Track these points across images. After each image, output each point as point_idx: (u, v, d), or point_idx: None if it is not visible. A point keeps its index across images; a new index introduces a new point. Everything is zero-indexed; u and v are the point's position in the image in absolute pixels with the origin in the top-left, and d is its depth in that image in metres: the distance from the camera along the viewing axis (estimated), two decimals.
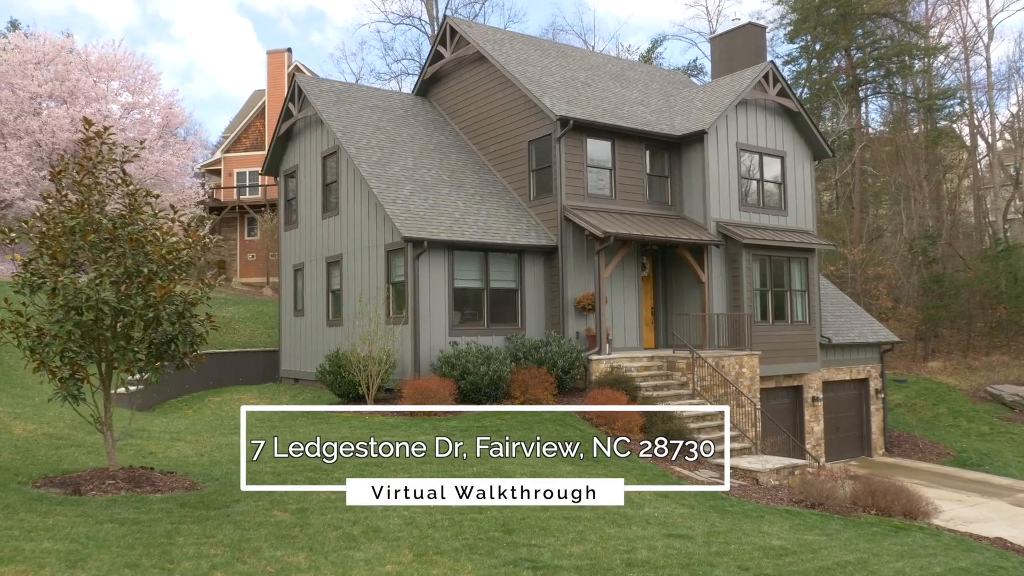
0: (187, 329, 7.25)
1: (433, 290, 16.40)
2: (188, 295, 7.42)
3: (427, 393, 13.88)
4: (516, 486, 10.13)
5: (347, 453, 10.10)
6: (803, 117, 21.23)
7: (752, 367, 18.07)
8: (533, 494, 9.71)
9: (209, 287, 7.66)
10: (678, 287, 19.85)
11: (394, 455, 10.62)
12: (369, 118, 20.16)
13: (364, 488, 8.55)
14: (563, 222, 17.74)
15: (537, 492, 10.13)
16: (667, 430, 14.71)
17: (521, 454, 12.18)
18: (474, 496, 9.24)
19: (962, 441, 25.23)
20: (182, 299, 7.26)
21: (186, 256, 7.40)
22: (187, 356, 7.52)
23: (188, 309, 7.29)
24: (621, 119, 18.97)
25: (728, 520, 10.29)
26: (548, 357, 16.01)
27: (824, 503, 12.65)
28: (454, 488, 9.20)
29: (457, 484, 9.54)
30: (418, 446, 10.66)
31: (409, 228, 16.05)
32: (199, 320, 7.48)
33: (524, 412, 14.67)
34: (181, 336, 7.19)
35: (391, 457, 10.43)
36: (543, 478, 10.54)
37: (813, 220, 21.78)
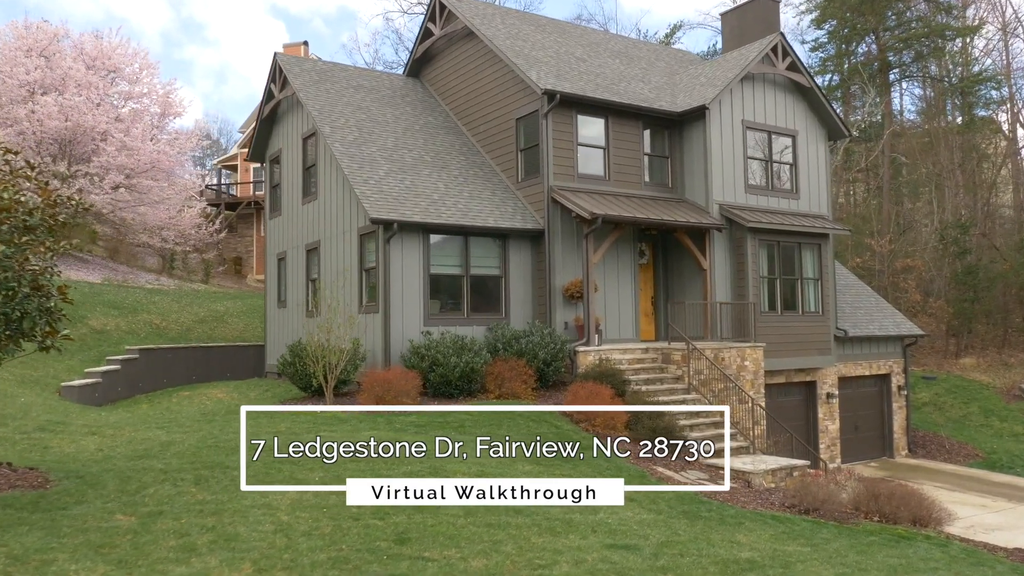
0: (40, 304, 6.28)
1: (407, 276, 15.37)
2: (38, 265, 6.42)
3: (387, 386, 12.84)
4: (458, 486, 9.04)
5: (294, 452, 9.11)
6: (816, 93, 19.77)
7: (756, 360, 16.73)
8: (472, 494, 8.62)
9: (54, 251, 6.66)
10: (679, 275, 18.56)
11: (322, 455, 9.58)
12: (351, 98, 19.21)
13: (258, 490, 7.56)
14: (550, 204, 16.59)
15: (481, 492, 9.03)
16: (654, 427, 13.49)
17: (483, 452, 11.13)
18: (400, 497, 8.22)
19: (993, 442, 23.50)
20: (31, 270, 6.27)
21: (38, 219, 6.42)
22: (49, 336, 6.55)
23: (38, 280, 6.31)
24: (616, 95, 17.74)
25: (697, 527, 9.08)
26: (528, 348, 14.88)
27: (820, 508, 11.35)
28: (371, 488, 8.18)
29: (383, 484, 8.51)
30: (346, 446, 9.62)
31: (379, 209, 15.04)
32: (49, 294, 6.49)
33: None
34: (36, 312, 6.22)
35: (317, 458, 9.41)
36: (490, 478, 9.44)
37: (828, 204, 20.30)
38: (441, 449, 10.60)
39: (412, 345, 14.49)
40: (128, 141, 26.15)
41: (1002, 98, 39.89)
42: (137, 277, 28.52)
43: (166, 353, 20.23)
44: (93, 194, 25.61)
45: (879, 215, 34.55)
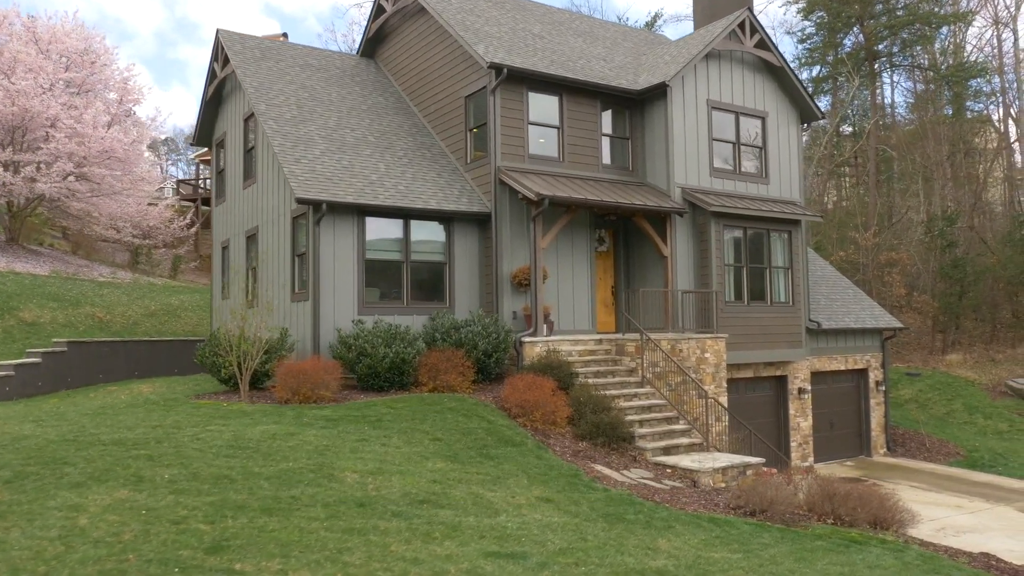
0: None
1: (339, 262, 14.35)
2: None
3: (303, 377, 11.82)
4: (339, 485, 8.05)
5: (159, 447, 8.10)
6: (786, 73, 18.76)
7: (717, 352, 15.70)
8: (350, 499, 7.62)
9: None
10: (641, 264, 17.54)
11: (195, 451, 8.61)
12: (296, 76, 18.19)
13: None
14: (498, 186, 15.57)
15: (365, 492, 8.03)
16: (597, 423, 12.53)
17: (392, 447, 10.11)
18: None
19: (976, 440, 22.49)
20: None
21: None
22: None
23: None
24: (572, 72, 16.72)
25: (613, 532, 8.07)
26: (468, 338, 13.86)
27: (768, 510, 10.34)
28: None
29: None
30: (230, 441, 8.68)
31: (307, 189, 14.02)
32: None
33: (423, 400, 12.56)
34: None
35: (184, 453, 8.42)
36: (385, 475, 8.44)
37: (800, 190, 19.29)
38: (340, 445, 9.62)
39: (340, 335, 13.47)
40: (79, 128, 25.10)
41: (992, 90, 38.96)
42: (91, 270, 27.46)
43: (102, 347, 19.17)
44: (40, 182, 24.58)
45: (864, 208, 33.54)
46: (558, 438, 12.30)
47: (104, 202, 27.74)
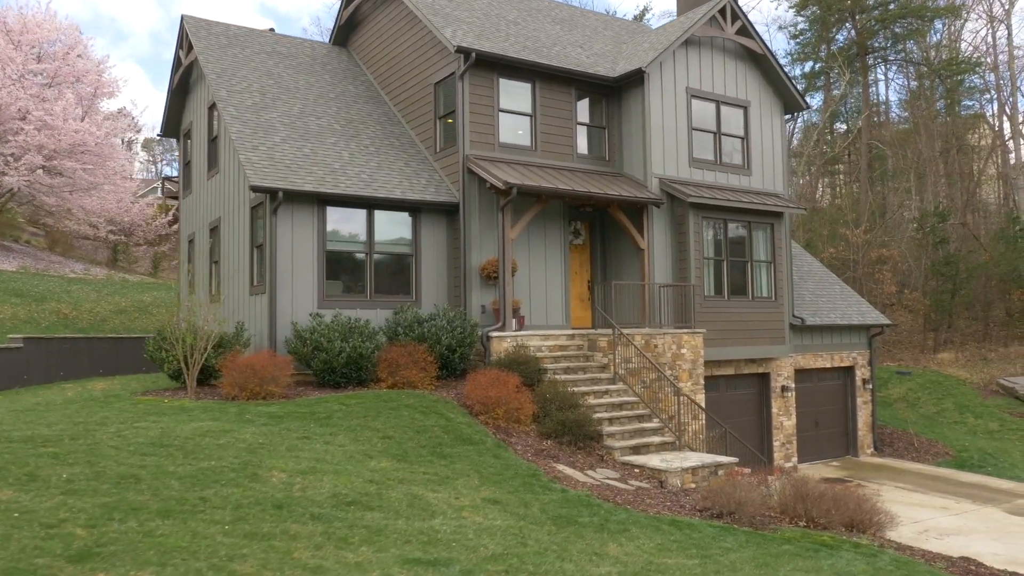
0: None
1: (298, 253, 13.75)
2: None
3: (250, 372, 11.22)
4: (257, 486, 7.46)
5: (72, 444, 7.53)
6: (770, 61, 18.19)
7: (694, 348, 15.12)
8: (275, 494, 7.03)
9: None
10: (618, 257, 16.96)
11: (112, 447, 8.01)
12: (262, 63, 17.60)
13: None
14: (466, 175, 14.98)
15: (289, 493, 7.45)
16: (563, 420, 11.94)
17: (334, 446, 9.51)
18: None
19: (965, 439, 21.94)
20: None
21: None
22: None
23: None
24: (545, 58, 16.14)
25: (561, 536, 7.48)
26: (431, 333, 13.27)
27: (736, 512, 9.76)
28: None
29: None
30: (152, 439, 8.10)
31: (264, 177, 13.42)
32: None
33: (379, 396, 11.97)
34: None
35: (115, 448, 7.82)
36: (317, 475, 7.85)
37: (784, 182, 18.71)
38: (278, 443, 9.03)
39: (296, 329, 12.87)
40: (49, 120, 24.50)
41: (986, 86, 38.46)
42: (63, 267, 26.84)
43: (63, 344, 18.55)
44: (9, 176, 23.97)
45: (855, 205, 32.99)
46: (521, 436, 11.71)
47: (80, 197, 27.12)
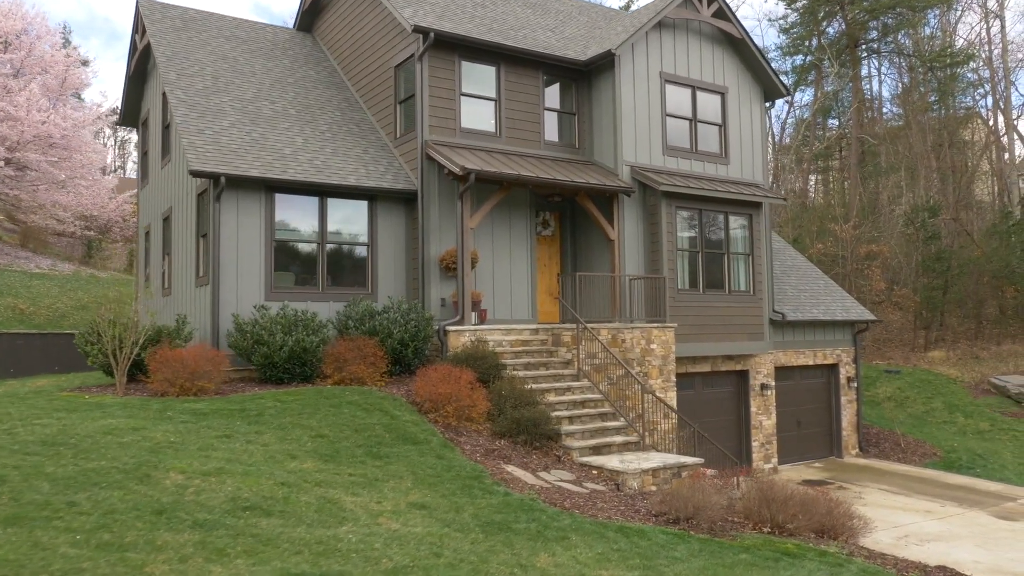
0: None
1: (243, 242, 13.02)
2: None
3: (180, 367, 10.49)
4: (150, 488, 6.72)
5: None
6: (748, 46, 17.47)
7: (665, 343, 14.39)
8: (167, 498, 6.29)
9: None
10: (588, 249, 16.24)
11: (7, 444, 7.28)
12: (218, 47, 16.86)
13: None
14: (425, 161, 14.26)
15: (181, 496, 6.71)
16: (518, 418, 11.20)
17: (254, 445, 8.79)
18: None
19: (955, 439, 21.22)
20: None
21: None
22: None
23: None
24: (510, 40, 15.42)
25: (485, 545, 6.75)
26: (383, 327, 12.54)
27: (694, 517, 9.04)
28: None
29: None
30: (46, 437, 7.40)
31: (206, 161, 12.68)
32: None
33: (321, 393, 11.24)
34: None
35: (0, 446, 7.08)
36: (220, 476, 7.11)
37: (764, 171, 18.00)
38: (191, 442, 8.30)
39: (237, 321, 12.13)
40: (12, 111, 23.76)
41: (980, 80, 37.79)
42: (28, 262, 26.10)
43: (15, 340, 17.88)
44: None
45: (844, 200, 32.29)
46: (472, 436, 10.98)
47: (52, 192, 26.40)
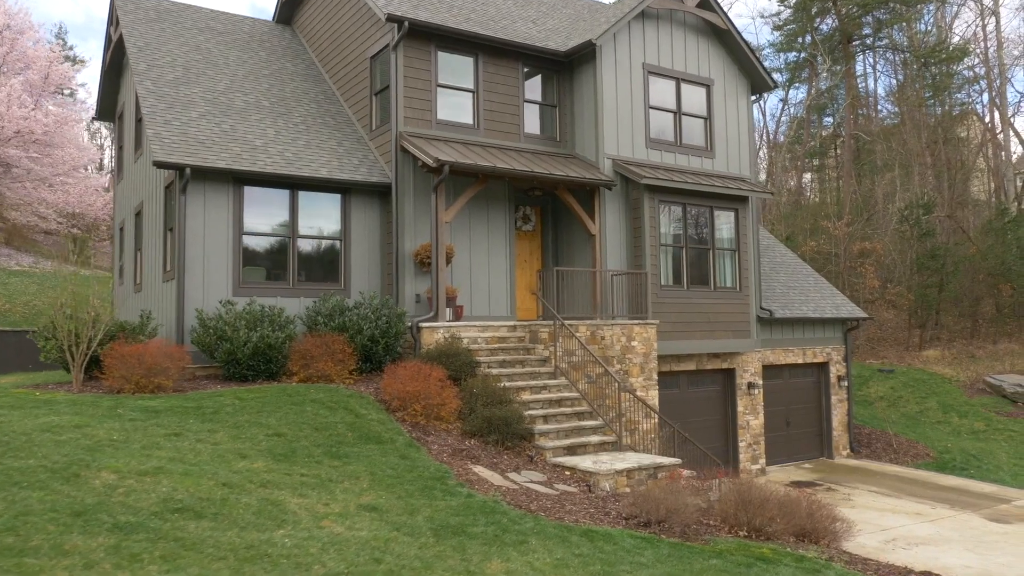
0: None
1: (210, 236, 12.65)
2: None
3: (137, 363, 10.12)
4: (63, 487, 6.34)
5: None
6: (734, 37, 17.11)
7: (646, 340, 14.01)
8: None
9: None
10: (570, 245, 15.88)
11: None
12: (192, 38, 16.50)
13: None
14: (399, 153, 13.90)
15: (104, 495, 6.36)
16: (489, 417, 10.83)
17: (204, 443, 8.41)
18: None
19: (948, 440, 20.84)
20: None
21: None
22: None
23: None
24: (488, 29, 15.05)
25: (433, 551, 6.38)
26: (352, 323, 12.17)
27: (667, 520, 8.66)
28: None
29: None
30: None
31: (171, 152, 12.31)
32: None
33: (285, 391, 10.86)
34: None
35: None
36: (158, 476, 6.74)
37: (751, 165, 17.63)
38: (135, 440, 7.93)
39: (200, 317, 11.76)
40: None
41: (975, 76, 37.43)
42: (9, 259, 25.76)
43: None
44: None
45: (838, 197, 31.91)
46: (441, 435, 10.60)
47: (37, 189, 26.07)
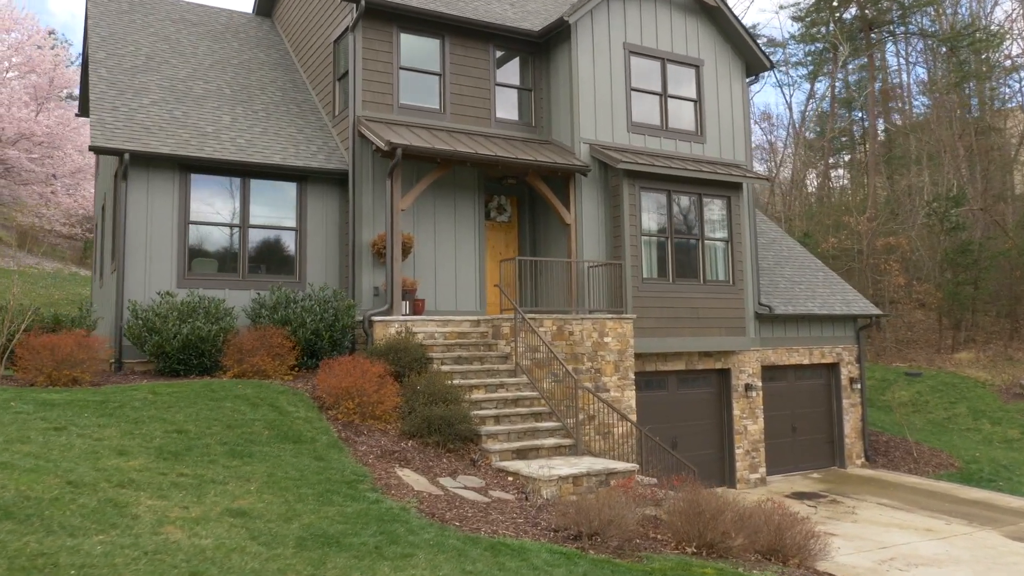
0: None
1: (154, 225, 12.08)
2: None
3: (48, 355, 9.53)
4: None
5: None
6: (725, 14, 16.03)
7: (621, 336, 13.02)
8: None
9: None
10: (548, 237, 14.98)
11: None
12: (162, 29, 16.07)
13: None
14: (357, 139, 13.18)
15: None
16: (429, 417, 9.98)
17: (88, 440, 7.72)
18: None
19: (977, 448, 19.29)
20: None
21: None
22: None
23: None
24: (456, 10, 14.28)
25: (282, 563, 5.57)
26: (295, 315, 11.45)
27: (602, 533, 7.69)
28: None
29: None
30: None
31: (110, 137, 11.78)
32: None
33: (209, 386, 10.16)
34: None
35: None
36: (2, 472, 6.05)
37: (746, 151, 16.50)
38: (6, 434, 7.28)
39: (133, 308, 11.16)
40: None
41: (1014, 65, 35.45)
42: (11, 260, 25.81)
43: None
44: None
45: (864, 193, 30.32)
46: (375, 435, 9.79)
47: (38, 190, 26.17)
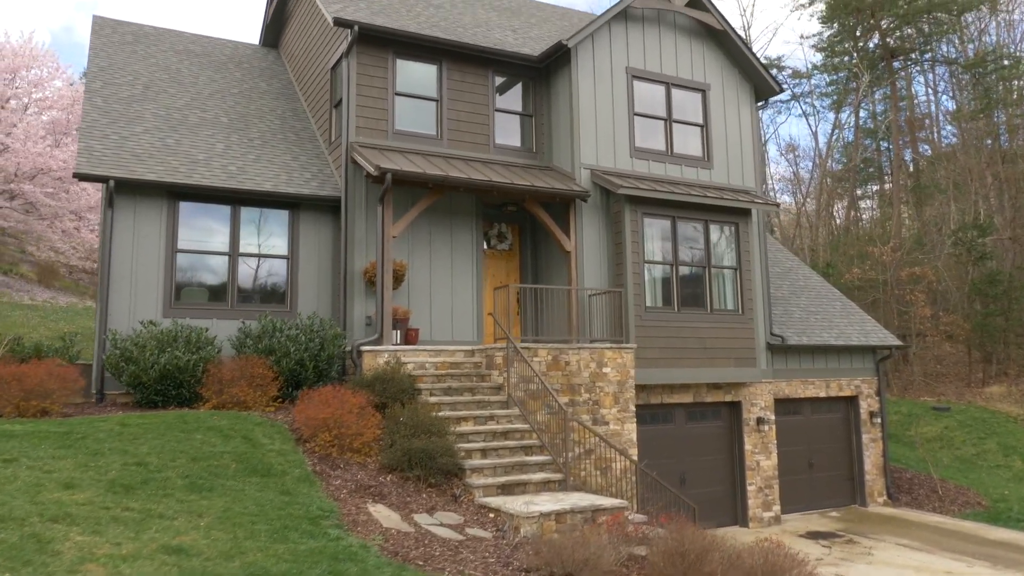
0: None
1: (140, 254, 11.89)
2: None
3: (13, 385, 9.26)
4: None
5: None
6: (731, 38, 15.70)
7: (621, 366, 12.48)
8: None
9: None
10: (550, 266, 14.56)
11: None
12: (163, 60, 16.12)
13: None
14: (349, 165, 12.95)
15: None
16: (410, 450, 9.52)
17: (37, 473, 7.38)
18: None
19: (1007, 487, 18.28)
20: None
21: None
22: None
23: None
24: (454, 35, 14.11)
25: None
26: (278, 345, 11.11)
27: (576, 573, 7.14)
28: None
29: None
30: None
31: (96, 164, 11.67)
32: None
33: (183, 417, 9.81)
34: None
35: None
36: None
37: (756, 177, 16.02)
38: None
39: (113, 338, 10.91)
40: (9, 142, 23.82)
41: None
42: (23, 294, 25.96)
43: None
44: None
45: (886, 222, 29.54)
46: (352, 469, 9.35)
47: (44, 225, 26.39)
